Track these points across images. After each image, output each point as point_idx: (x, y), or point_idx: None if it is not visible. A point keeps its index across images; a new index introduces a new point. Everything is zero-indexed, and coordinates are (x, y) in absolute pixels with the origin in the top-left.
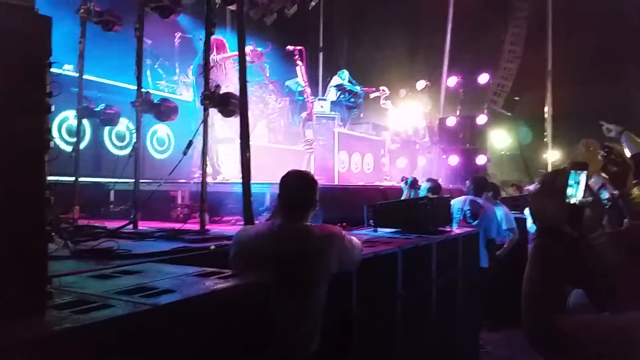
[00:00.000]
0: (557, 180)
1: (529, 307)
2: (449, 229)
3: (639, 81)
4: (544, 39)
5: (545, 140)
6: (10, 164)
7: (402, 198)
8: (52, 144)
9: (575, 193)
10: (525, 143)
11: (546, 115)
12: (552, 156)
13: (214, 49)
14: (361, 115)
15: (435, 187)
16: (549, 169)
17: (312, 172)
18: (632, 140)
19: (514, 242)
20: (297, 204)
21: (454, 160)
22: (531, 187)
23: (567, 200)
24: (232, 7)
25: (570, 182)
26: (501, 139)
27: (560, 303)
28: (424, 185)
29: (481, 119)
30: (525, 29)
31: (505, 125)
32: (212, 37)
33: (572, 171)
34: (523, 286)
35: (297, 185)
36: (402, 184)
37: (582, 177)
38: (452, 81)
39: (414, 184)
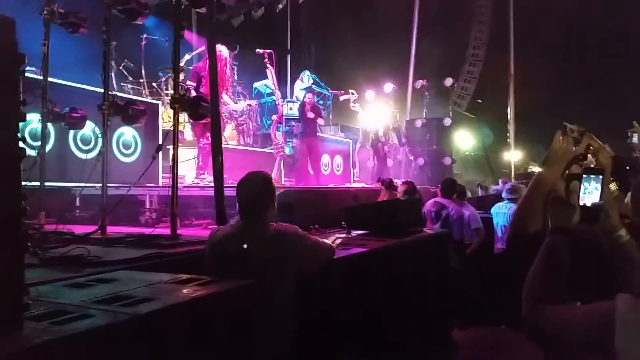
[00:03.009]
0: (570, 184)
1: (528, 295)
2: (420, 230)
3: (600, 83)
4: (506, 43)
5: (507, 140)
6: None
7: (380, 199)
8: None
9: (590, 196)
10: (488, 144)
11: (509, 117)
12: (514, 156)
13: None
14: (330, 117)
15: (411, 189)
16: (512, 168)
17: (282, 175)
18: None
19: (480, 241)
20: (253, 203)
21: (421, 161)
22: (498, 187)
23: (580, 203)
24: (201, 10)
25: (584, 185)
26: (465, 140)
27: (558, 295)
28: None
29: (446, 121)
30: (488, 33)
31: (469, 126)
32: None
33: (584, 175)
34: (527, 278)
35: (252, 185)
36: (379, 185)
37: (597, 181)
38: (418, 84)
39: (390, 185)
